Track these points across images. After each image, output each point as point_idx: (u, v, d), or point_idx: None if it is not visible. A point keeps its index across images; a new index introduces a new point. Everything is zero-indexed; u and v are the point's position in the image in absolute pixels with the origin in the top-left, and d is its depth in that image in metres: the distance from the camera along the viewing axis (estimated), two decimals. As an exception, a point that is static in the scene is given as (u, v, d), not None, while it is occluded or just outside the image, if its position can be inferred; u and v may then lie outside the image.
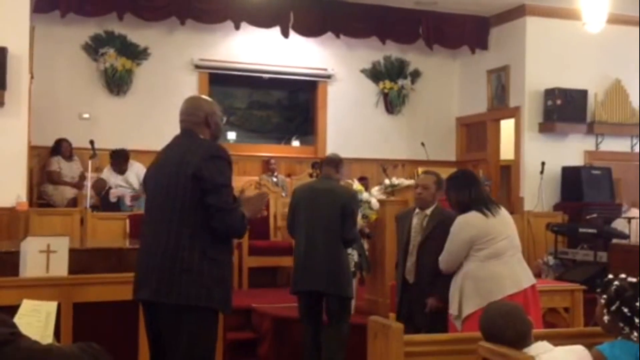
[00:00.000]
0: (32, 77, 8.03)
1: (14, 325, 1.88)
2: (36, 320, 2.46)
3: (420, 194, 4.58)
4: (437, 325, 4.13)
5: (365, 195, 6.20)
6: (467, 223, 3.91)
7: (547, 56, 9.97)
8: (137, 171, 8.40)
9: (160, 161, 3.38)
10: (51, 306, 2.62)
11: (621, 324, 2.73)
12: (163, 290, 3.13)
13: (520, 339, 2.78)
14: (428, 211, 4.54)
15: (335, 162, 5.11)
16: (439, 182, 4.59)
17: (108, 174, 8.42)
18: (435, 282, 4.28)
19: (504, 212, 4.08)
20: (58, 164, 8.78)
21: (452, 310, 3.91)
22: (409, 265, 4.53)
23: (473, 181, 4.12)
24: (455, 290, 3.92)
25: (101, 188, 8.28)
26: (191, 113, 3.40)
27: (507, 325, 2.80)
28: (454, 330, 3.93)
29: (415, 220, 4.56)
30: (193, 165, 3.17)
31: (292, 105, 11.71)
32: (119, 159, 8.42)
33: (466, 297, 3.84)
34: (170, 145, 3.42)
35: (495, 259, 3.87)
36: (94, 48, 9.70)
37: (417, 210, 4.61)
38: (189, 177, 3.16)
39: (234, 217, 3.21)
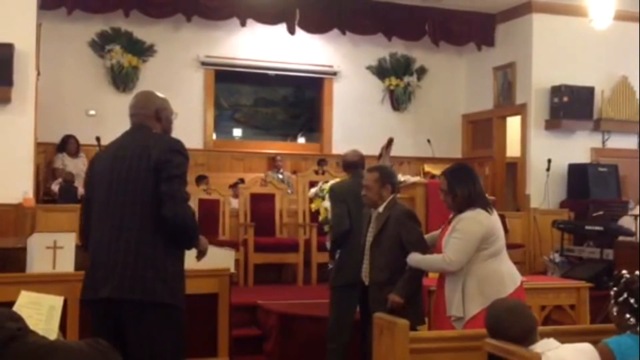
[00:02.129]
0: (38, 74, 8.05)
1: (21, 320, 1.89)
2: (36, 313, 2.45)
3: (364, 195, 4.43)
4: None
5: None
6: (478, 221, 3.79)
7: (553, 53, 9.94)
8: None
9: (115, 156, 3.26)
10: (55, 300, 2.60)
11: (627, 315, 2.73)
12: (127, 287, 3.05)
13: (526, 336, 2.77)
14: (381, 209, 4.38)
15: (364, 161, 5.30)
16: (383, 178, 4.38)
17: None
18: (396, 280, 4.19)
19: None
20: (62, 160, 8.81)
21: (455, 312, 3.78)
22: (365, 266, 4.44)
23: (474, 175, 4.00)
24: (454, 291, 3.80)
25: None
26: (142, 107, 3.35)
27: (512, 321, 2.79)
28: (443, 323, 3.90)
29: (372, 220, 4.45)
30: (154, 159, 3.13)
31: (297, 102, 11.70)
32: None
33: (469, 298, 3.74)
34: (123, 139, 3.33)
35: (494, 257, 3.80)
36: (100, 45, 9.73)
37: (372, 209, 4.47)
38: (151, 170, 3.12)
39: (184, 207, 3.16)
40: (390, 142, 6.15)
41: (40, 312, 2.48)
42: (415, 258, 4.10)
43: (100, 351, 1.89)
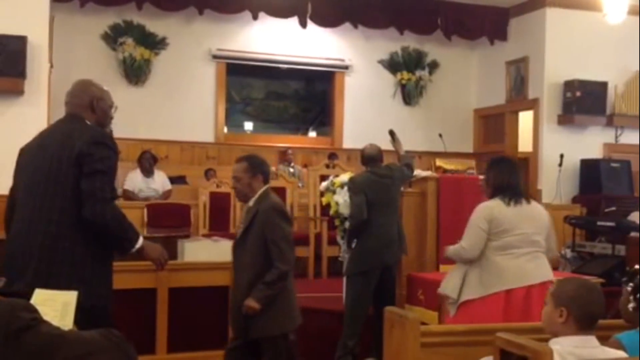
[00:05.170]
0: (51, 66, 8.08)
1: (35, 311, 1.90)
2: (51, 309, 2.45)
3: (234, 187, 4.10)
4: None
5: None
6: (486, 206, 3.83)
7: (566, 47, 9.88)
8: (162, 179, 8.62)
9: (40, 144, 3.12)
10: (69, 295, 2.60)
11: None
12: (40, 284, 2.75)
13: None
14: (251, 202, 4.00)
15: (382, 155, 5.61)
16: (253, 168, 4.00)
17: (133, 175, 8.57)
18: (255, 283, 3.82)
19: (532, 206, 3.90)
20: None
21: (450, 292, 3.83)
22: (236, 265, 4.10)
23: (513, 167, 3.99)
24: (456, 275, 3.85)
25: None
26: (76, 95, 3.22)
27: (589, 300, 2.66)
28: (447, 316, 3.93)
29: (243, 216, 4.10)
30: (77, 150, 2.98)
31: (309, 95, 11.70)
32: (149, 162, 8.61)
33: (468, 284, 3.80)
34: (51, 128, 3.23)
35: (502, 253, 3.77)
36: (112, 37, 9.75)
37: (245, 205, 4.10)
38: (72, 161, 2.97)
39: (105, 207, 2.95)
40: (391, 134, 6.19)
41: (55, 309, 2.48)
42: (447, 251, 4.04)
43: (114, 341, 1.90)
